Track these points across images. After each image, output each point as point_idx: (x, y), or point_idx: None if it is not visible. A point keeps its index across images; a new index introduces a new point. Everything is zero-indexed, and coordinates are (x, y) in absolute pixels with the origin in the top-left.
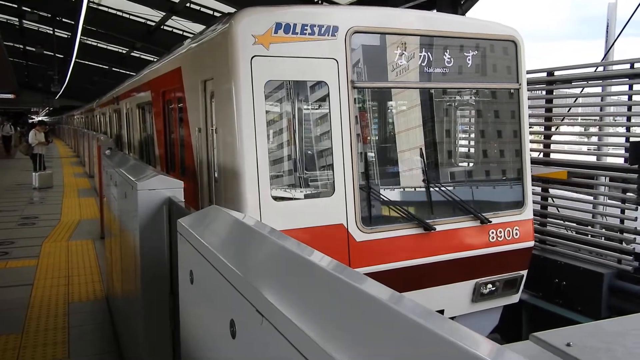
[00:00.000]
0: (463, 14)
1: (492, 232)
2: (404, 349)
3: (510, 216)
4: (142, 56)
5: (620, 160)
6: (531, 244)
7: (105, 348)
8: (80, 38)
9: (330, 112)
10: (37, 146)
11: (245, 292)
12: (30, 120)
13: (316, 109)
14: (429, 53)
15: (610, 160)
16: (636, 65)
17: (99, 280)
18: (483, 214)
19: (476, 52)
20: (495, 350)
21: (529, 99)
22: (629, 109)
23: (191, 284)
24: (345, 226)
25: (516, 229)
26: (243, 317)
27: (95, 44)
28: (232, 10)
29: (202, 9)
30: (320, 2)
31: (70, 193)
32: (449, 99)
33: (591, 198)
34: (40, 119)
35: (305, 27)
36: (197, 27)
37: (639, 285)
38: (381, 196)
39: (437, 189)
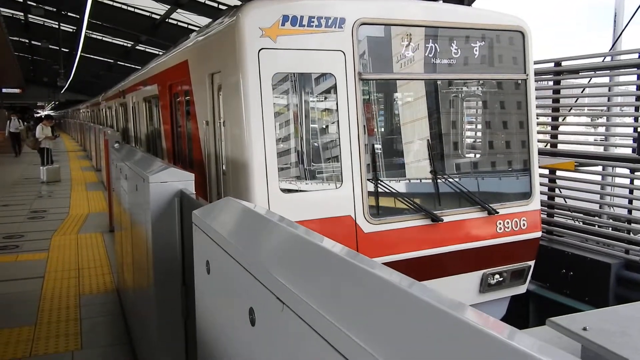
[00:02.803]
0: (469, 4)
1: (500, 223)
2: (423, 331)
3: (517, 207)
4: (147, 49)
5: (628, 151)
6: (538, 234)
7: (117, 339)
8: (86, 32)
9: (337, 104)
10: (45, 140)
11: (264, 280)
12: (36, 115)
13: (323, 101)
14: (435, 44)
15: (618, 150)
16: None
17: (109, 272)
18: (490, 205)
19: (483, 42)
20: (519, 336)
21: (536, 89)
22: (637, 99)
23: (208, 274)
24: (353, 218)
25: (523, 220)
26: (262, 304)
27: (100, 37)
28: (237, 3)
29: (207, 2)
30: None
31: (78, 187)
32: (455, 90)
33: (598, 188)
34: (46, 113)
35: (312, 19)
36: (202, 20)
37: None
38: (389, 187)
39: (444, 180)
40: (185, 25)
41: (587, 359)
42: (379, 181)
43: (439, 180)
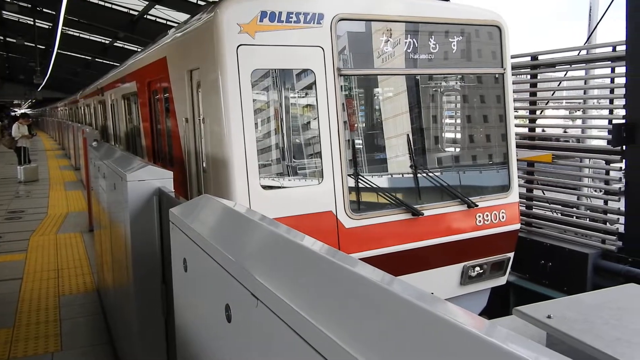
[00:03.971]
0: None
1: (479, 216)
2: (394, 324)
3: (496, 200)
4: (125, 46)
5: (604, 143)
6: (517, 226)
7: (97, 339)
8: (62, 28)
9: (317, 100)
10: (21, 139)
11: (239, 276)
12: (12, 113)
13: (303, 97)
14: (414, 39)
15: (595, 142)
16: (618, 48)
17: (88, 272)
18: (470, 198)
19: (461, 37)
20: (485, 326)
21: (513, 83)
22: (612, 91)
23: (185, 272)
24: (334, 213)
25: (502, 212)
26: (238, 301)
27: (77, 34)
28: None
29: None
30: None
31: (56, 186)
32: (434, 85)
33: (576, 180)
34: (23, 111)
35: (291, 15)
36: (181, 16)
37: (622, 264)
38: (369, 183)
39: (424, 174)
40: (164, 22)
41: (552, 345)
42: (360, 176)
43: (419, 175)
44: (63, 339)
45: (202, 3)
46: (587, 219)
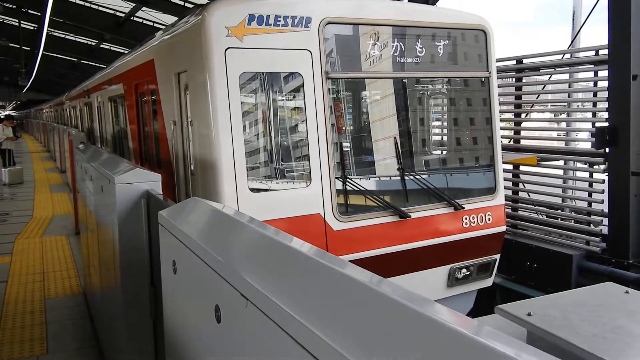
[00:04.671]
0: (433, 3)
1: (466, 218)
2: (382, 323)
3: (482, 202)
4: (111, 48)
5: (588, 145)
6: (503, 228)
7: (84, 343)
8: (48, 30)
9: (305, 103)
10: (6, 141)
11: (229, 277)
12: None
13: (291, 100)
14: (401, 43)
15: (579, 145)
16: (600, 52)
17: (75, 275)
18: (456, 201)
19: (447, 41)
20: (468, 323)
21: (499, 86)
22: (595, 94)
23: (174, 274)
24: (322, 216)
25: (489, 215)
26: (227, 301)
27: (63, 36)
28: (204, 1)
29: (173, 0)
30: None
31: (42, 189)
32: (422, 88)
33: (561, 182)
34: (7, 113)
35: (279, 19)
36: (168, 19)
37: (606, 265)
38: (357, 185)
39: (411, 177)
40: (151, 24)
41: (532, 342)
42: (348, 179)
43: (406, 178)
44: (49, 342)
45: (190, 6)
46: (572, 221)
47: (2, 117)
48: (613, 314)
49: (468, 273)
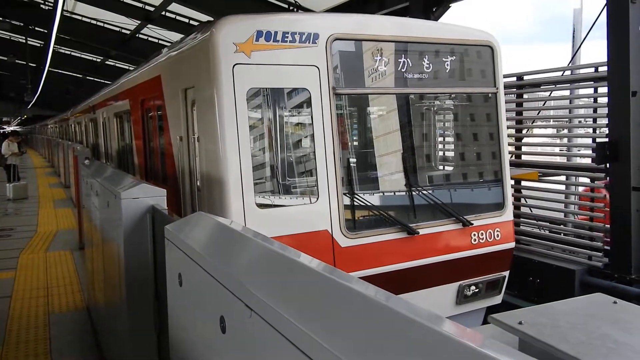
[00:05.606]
0: (436, 19)
1: (474, 235)
2: (384, 334)
3: (491, 218)
4: (116, 64)
5: (588, 161)
6: (512, 245)
7: (88, 357)
8: (54, 47)
9: (312, 118)
10: (11, 157)
11: (234, 289)
12: (1, 130)
13: (298, 115)
14: (408, 59)
15: (580, 160)
16: (600, 68)
17: (79, 290)
18: (465, 217)
19: (454, 57)
20: (463, 332)
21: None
22: (595, 111)
23: (180, 287)
24: (330, 232)
25: (497, 231)
26: (232, 312)
27: (69, 52)
28: (208, 18)
29: (178, 17)
30: (295, 10)
31: (46, 204)
32: (428, 104)
33: (562, 197)
34: (12, 129)
35: (286, 35)
36: (173, 36)
37: (608, 280)
38: (365, 201)
39: (419, 193)
40: (156, 41)
41: (523, 349)
42: (355, 195)
43: (414, 193)
44: (53, 357)
45: (195, 23)
46: (574, 236)
47: (7, 132)
48: (601, 322)
49: (477, 290)
